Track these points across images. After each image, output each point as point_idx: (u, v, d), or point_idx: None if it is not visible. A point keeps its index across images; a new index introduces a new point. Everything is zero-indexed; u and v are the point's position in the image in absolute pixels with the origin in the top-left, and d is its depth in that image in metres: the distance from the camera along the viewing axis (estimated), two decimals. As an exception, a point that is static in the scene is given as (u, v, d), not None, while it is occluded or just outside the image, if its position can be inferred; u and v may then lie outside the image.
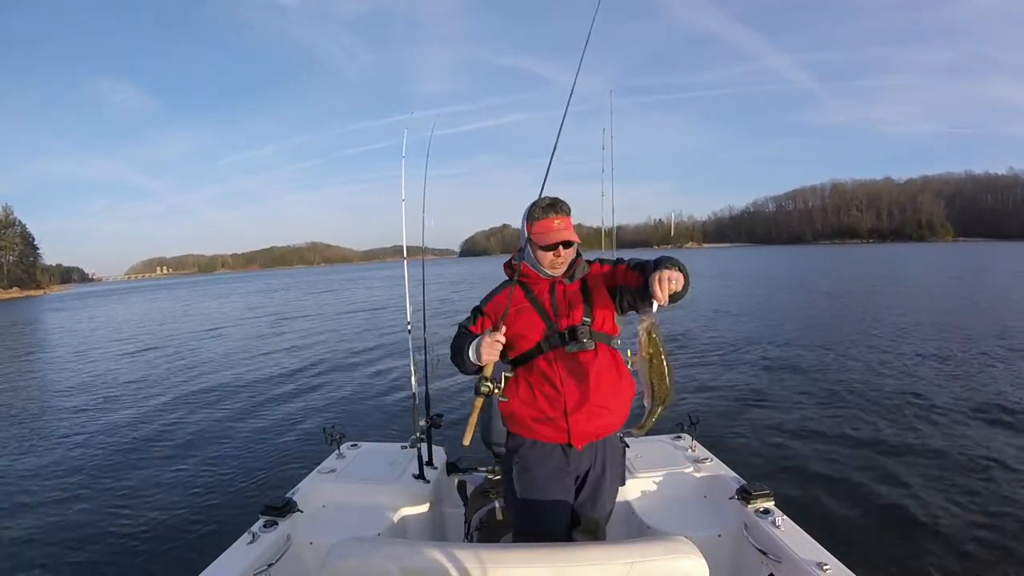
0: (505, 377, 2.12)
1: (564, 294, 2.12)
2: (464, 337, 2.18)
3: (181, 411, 8.51)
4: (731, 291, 25.64)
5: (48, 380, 12.55)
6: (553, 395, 2.05)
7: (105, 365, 13.69)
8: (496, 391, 2.09)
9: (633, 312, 2.14)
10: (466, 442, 2.19)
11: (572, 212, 2.12)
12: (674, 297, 1.82)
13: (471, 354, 2.09)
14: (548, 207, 2.07)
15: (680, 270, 1.84)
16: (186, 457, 6.34)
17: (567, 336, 2.07)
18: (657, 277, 1.78)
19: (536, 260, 2.12)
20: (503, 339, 2.04)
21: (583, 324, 2.08)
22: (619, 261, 2.20)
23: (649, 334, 1.85)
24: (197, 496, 5.24)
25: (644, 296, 1.98)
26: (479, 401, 2.12)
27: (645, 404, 1.95)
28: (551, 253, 2.07)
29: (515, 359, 2.14)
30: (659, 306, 1.81)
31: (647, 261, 2.05)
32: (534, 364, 2.09)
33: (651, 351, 1.86)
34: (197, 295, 52.14)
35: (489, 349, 2.03)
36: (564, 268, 2.12)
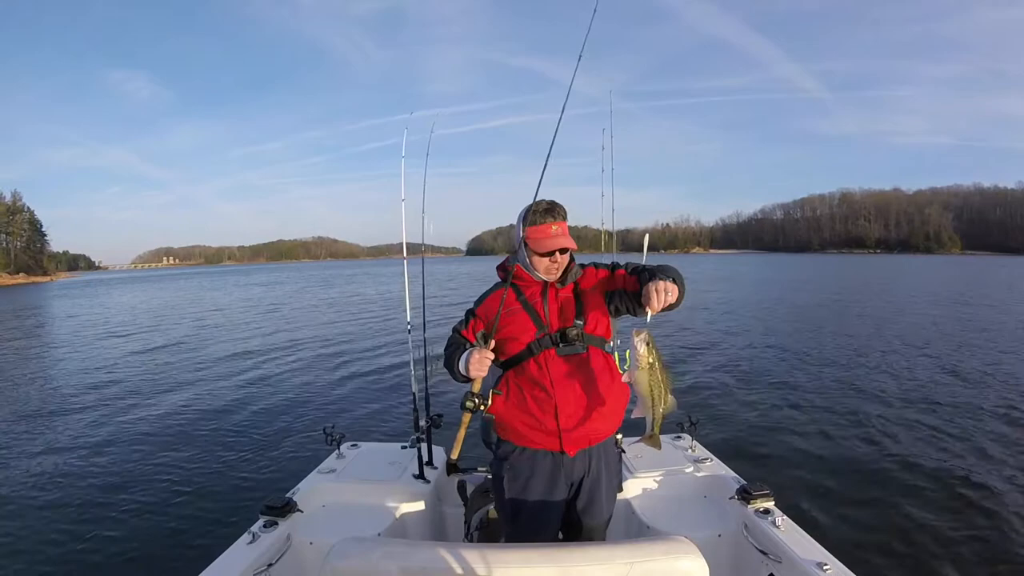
0: (493, 394, 2.09)
1: (556, 297, 2.10)
2: (457, 343, 2.17)
3: (181, 410, 8.51)
4: (734, 295, 25.58)
5: (47, 373, 12.52)
6: (543, 398, 2.02)
7: (104, 360, 13.65)
8: (482, 407, 2.07)
9: (630, 315, 2.13)
10: (454, 456, 2.20)
11: (574, 214, 2.11)
12: (667, 307, 1.84)
13: (461, 367, 2.06)
14: (546, 212, 2.03)
15: (675, 281, 1.85)
16: (186, 457, 6.33)
17: (558, 338, 2.05)
18: (654, 288, 1.80)
19: (531, 264, 2.09)
20: (491, 355, 2.02)
21: (575, 327, 2.06)
22: (615, 266, 2.17)
23: (647, 344, 1.84)
24: (197, 496, 5.24)
25: (640, 301, 1.97)
26: (467, 416, 2.09)
27: (645, 415, 1.93)
28: (547, 259, 2.04)
29: (505, 362, 2.11)
30: (651, 315, 1.84)
31: (645, 267, 2.06)
32: (525, 367, 2.06)
33: (651, 360, 1.85)
34: (202, 286, 52.35)
35: (478, 365, 2.00)
36: (559, 274, 2.09)
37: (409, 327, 3.40)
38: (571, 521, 2.17)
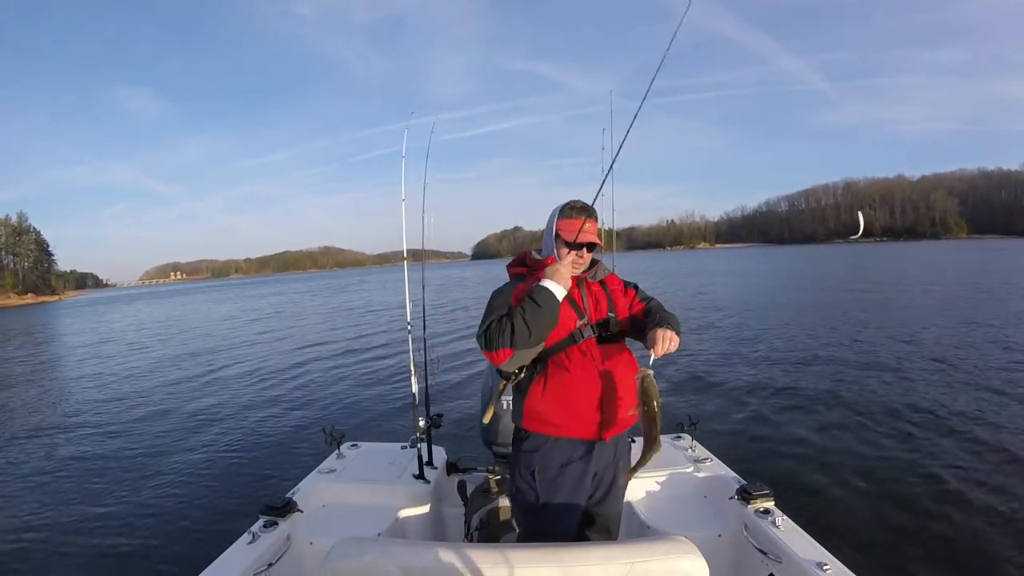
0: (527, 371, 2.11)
1: (591, 290, 2.16)
2: (511, 309, 1.99)
3: (181, 412, 8.60)
4: (735, 290, 25.60)
5: (54, 382, 12.70)
6: (587, 386, 2.04)
7: (109, 368, 13.86)
8: (520, 376, 2.09)
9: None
10: (486, 420, 2.35)
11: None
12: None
13: (549, 285, 1.96)
14: (581, 209, 2.12)
15: (678, 332, 2.04)
16: (186, 457, 6.38)
17: (598, 328, 2.10)
18: (661, 334, 1.97)
19: (558, 257, 2.13)
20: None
21: (610, 318, 2.13)
22: (633, 285, 2.30)
23: (642, 383, 1.92)
24: (197, 496, 5.28)
25: (637, 330, 2.15)
26: (502, 384, 2.16)
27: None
28: (574, 252, 2.09)
29: (545, 351, 2.07)
30: (654, 358, 1.96)
31: (652, 301, 2.24)
32: (567, 355, 2.06)
33: (644, 399, 1.93)
34: (207, 300, 52.65)
35: (563, 275, 1.99)
36: (580, 271, 2.14)
37: (409, 328, 3.39)
38: (588, 513, 2.17)
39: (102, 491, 5.56)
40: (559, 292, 1.98)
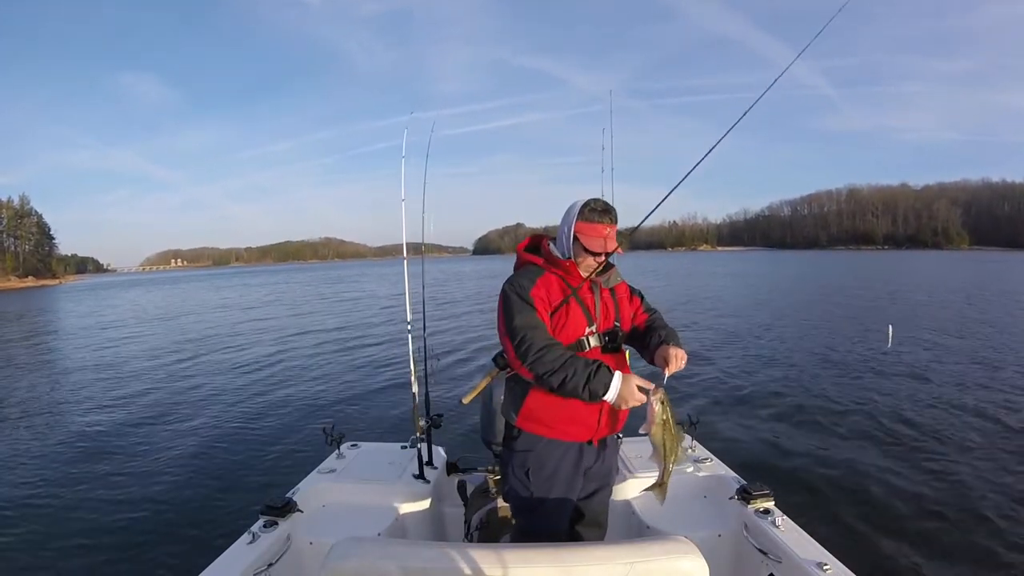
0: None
1: (602, 297, 2.15)
2: (556, 349, 1.95)
3: (181, 410, 8.56)
4: (737, 292, 25.56)
5: (51, 373, 12.66)
6: None
7: (106, 360, 13.81)
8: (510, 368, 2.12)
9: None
10: (465, 401, 2.41)
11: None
12: None
13: (611, 394, 1.92)
14: (603, 212, 2.06)
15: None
16: (186, 457, 6.35)
17: (605, 337, 2.10)
18: (673, 353, 2.04)
19: (573, 257, 2.11)
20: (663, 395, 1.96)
21: (616, 329, 2.13)
22: (639, 292, 2.34)
23: (662, 403, 1.95)
24: (197, 496, 5.26)
25: (636, 340, 2.25)
26: (495, 371, 2.22)
27: (657, 464, 2.04)
28: (593, 258, 2.07)
29: None
30: (667, 376, 2.03)
31: (655, 314, 2.31)
32: None
33: (664, 417, 1.96)
34: (208, 288, 52.55)
35: (631, 398, 1.93)
36: (594, 273, 2.12)
37: (409, 327, 3.39)
38: (579, 507, 2.21)
39: (99, 491, 5.52)
40: (612, 395, 1.92)
